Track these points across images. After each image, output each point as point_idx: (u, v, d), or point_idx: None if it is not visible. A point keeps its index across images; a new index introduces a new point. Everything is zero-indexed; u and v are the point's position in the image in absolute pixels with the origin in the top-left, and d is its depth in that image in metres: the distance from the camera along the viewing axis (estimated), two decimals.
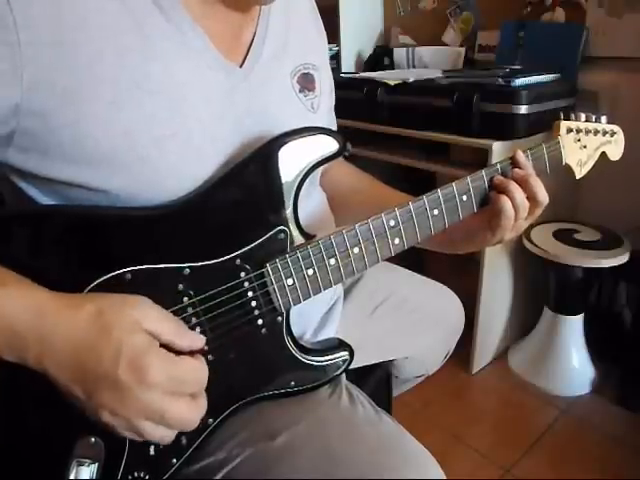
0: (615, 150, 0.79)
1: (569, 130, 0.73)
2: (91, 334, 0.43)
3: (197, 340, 0.49)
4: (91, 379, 0.43)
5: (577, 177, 0.76)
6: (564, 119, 0.73)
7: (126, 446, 0.52)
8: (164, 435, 0.46)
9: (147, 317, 0.45)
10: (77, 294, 0.46)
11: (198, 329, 0.53)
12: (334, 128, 0.81)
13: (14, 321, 0.43)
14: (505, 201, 0.63)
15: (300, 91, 0.66)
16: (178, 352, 0.46)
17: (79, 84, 0.47)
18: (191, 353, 0.47)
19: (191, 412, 0.46)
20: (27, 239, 0.49)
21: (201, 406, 0.47)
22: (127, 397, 0.43)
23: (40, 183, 0.52)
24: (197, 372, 0.47)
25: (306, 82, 0.66)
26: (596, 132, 0.75)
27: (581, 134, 0.74)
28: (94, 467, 0.49)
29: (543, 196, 0.65)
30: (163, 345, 0.45)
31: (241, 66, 0.59)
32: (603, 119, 0.77)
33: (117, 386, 0.43)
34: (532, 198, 0.64)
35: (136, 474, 0.53)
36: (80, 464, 0.48)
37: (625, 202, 1.61)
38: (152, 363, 0.43)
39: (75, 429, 0.50)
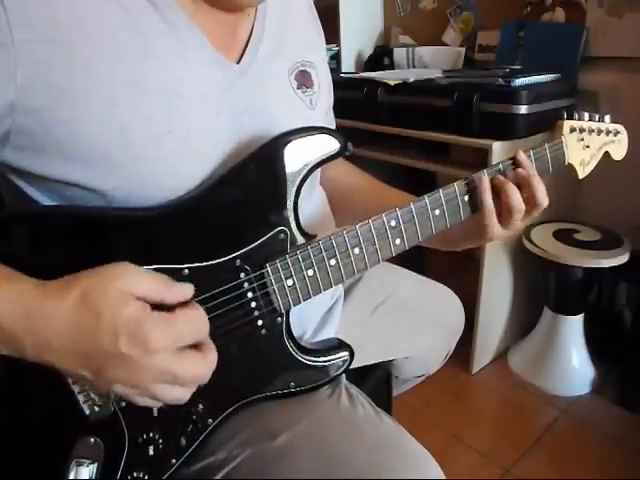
0: (618, 150, 0.78)
1: (572, 129, 0.72)
2: (83, 320, 0.43)
3: (186, 290, 0.47)
4: (96, 360, 0.43)
5: (580, 177, 0.75)
6: (567, 118, 0.72)
7: (125, 446, 0.52)
8: (180, 394, 0.46)
9: (132, 283, 0.44)
10: (60, 280, 0.45)
11: None
12: (333, 127, 0.81)
13: (3, 321, 0.43)
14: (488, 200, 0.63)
15: (298, 87, 0.65)
16: (171, 307, 0.46)
17: (74, 82, 0.47)
18: (184, 304, 0.47)
19: (201, 366, 0.46)
20: (25, 240, 0.49)
21: (210, 359, 0.47)
22: (135, 368, 0.43)
23: (37, 182, 0.52)
24: (194, 321, 0.46)
25: (304, 79, 0.66)
26: (599, 131, 0.75)
27: (584, 133, 0.73)
28: (93, 467, 0.49)
29: (543, 198, 0.64)
30: (155, 305, 0.45)
31: (238, 63, 0.59)
32: (607, 118, 0.76)
33: (123, 361, 0.43)
34: (531, 199, 0.64)
35: (135, 474, 0.53)
36: (79, 464, 0.48)
37: (625, 202, 1.61)
38: (150, 330, 0.42)
39: (75, 429, 0.50)
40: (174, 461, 0.55)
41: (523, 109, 1.35)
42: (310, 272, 0.56)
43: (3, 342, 0.44)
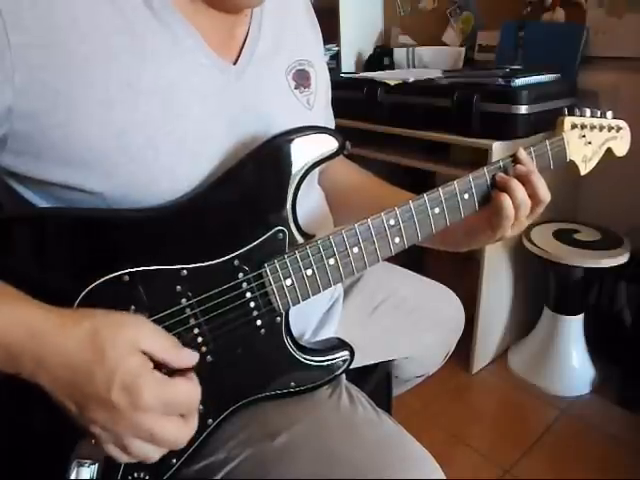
0: (621, 146, 0.77)
1: (573, 126, 0.71)
2: (86, 354, 0.43)
3: (190, 358, 0.48)
4: (84, 397, 0.43)
5: (582, 173, 0.74)
6: (568, 114, 0.71)
7: None
8: (151, 453, 0.46)
9: (143, 336, 0.45)
10: (72, 310, 0.45)
11: (196, 330, 0.53)
12: (332, 123, 0.81)
13: (7, 341, 0.42)
14: (505, 199, 0.62)
15: (295, 87, 0.65)
16: (171, 369, 0.46)
17: (70, 85, 0.47)
18: (184, 371, 0.47)
19: (180, 432, 0.46)
20: (24, 243, 0.49)
21: (191, 427, 0.47)
22: (119, 417, 0.43)
23: (35, 186, 0.51)
24: (189, 394, 0.47)
25: (301, 79, 0.66)
26: (601, 128, 0.74)
27: (586, 130, 0.72)
28: (94, 467, 0.49)
29: (545, 194, 0.64)
30: (157, 363, 0.45)
31: (235, 64, 0.59)
32: (609, 114, 0.75)
33: (110, 407, 0.43)
34: (534, 196, 0.64)
35: (136, 475, 0.53)
36: (81, 464, 0.48)
37: (625, 202, 1.61)
38: (145, 387, 0.43)
39: (76, 430, 0.50)
40: (174, 461, 0.55)
41: (523, 109, 1.35)
42: (309, 272, 0.56)
43: (3, 360, 0.43)
